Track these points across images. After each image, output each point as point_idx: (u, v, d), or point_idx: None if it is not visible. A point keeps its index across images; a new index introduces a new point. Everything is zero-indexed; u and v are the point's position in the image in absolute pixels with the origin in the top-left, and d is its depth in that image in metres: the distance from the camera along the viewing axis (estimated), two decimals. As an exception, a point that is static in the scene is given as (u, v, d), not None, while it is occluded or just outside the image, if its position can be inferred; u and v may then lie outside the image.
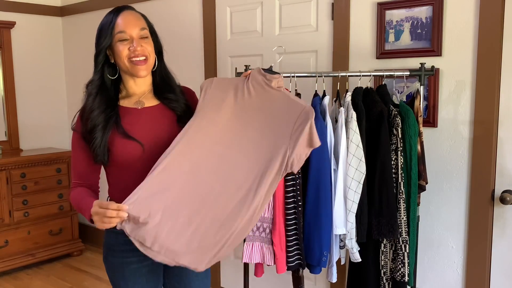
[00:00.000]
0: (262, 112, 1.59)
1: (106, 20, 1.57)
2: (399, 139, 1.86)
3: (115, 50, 1.55)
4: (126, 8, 1.59)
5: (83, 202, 1.52)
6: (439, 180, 2.20)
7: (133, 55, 1.53)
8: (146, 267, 1.63)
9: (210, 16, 2.99)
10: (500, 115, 2.06)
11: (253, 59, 2.79)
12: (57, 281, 3.53)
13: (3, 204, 3.51)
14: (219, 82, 1.67)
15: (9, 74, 3.86)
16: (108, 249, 1.65)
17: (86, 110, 1.57)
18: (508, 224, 2.09)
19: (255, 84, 1.64)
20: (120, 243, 1.59)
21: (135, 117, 1.57)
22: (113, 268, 1.65)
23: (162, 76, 1.66)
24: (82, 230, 4.19)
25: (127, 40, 1.54)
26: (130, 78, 1.61)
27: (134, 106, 1.61)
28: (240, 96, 1.63)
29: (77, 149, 1.58)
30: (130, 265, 1.61)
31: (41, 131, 4.16)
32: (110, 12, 1.58)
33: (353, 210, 1.83)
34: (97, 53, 1.58)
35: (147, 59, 1.56)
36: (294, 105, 1.57)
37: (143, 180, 1.49)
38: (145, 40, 1.57)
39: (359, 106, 1.89)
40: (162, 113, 1.61)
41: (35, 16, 4.03)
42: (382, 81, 2.21)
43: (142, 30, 1.56)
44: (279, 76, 1.64)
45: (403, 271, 1.87)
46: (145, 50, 1.55)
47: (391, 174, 1.85)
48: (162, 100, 1.64)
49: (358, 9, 2.37)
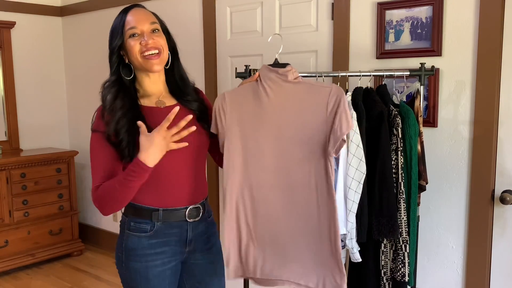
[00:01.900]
0: (288, 109, 1.54)
1: (116, 20, 1.56)
2: (399, 139, 1.85)
3: (127, 47, 1.53)
4: (135, 5, 1.58)
5: (117, 178, 1.44)
6: (439, 180, 2.20)
7: (145, 49, 1.51)
8: (169, 270, 1.60)
9: (210, 16, 2.99)
10: (500, 115, 2.06)
11: (253, 59, 2.79)
12: (57, 281, 3.53)
13: (3, 204, 3.51)
14: (232, 96, 1.60)
15: (9, 74, 3.87)
16: (129, 254, 1.58)
17: (107, 110, 1.52)
18: (508, 224, 2.09)
19: (271, 84, 1.56)
20: (144, 247, 1.56)
21: (159, 116, 1.52)
22: (134, 273, 1.57)
23: (180, 75, 1.66)
24: (82, 230, 4.20)
25: (138, 35, 1.52)
26: (145, 76, 1.59)
27: (156, 105, 1.59)
28: (259, 103, 1.56)
29: (100, 149, 1.51)
30: (155, 269, 1.56)
31: (41, 131, 4.16)
32: (120, 12, 1.57)
33: (353, 210, 1.82)
34: (110, 54, 1.56)
35: (160, 52, 1.53)
36: (319, 90, 1.53)
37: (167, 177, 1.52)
38: (157, 33, 1.55)
39: (359, 106, 1.88)
40: (182, 112, 1.57)
41: (35, 16, 4.03)
42: (382, 81, 2.21)
43: (152, 24, 1.54)
44: (291, 67, 1.58)
45: (403, 271, 1.87)
46: (157, 43, 1.53)
47: (391, 174, 1.85)
48: (180, 100, 1.63)
49: (358, 9, 2.38)
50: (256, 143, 1.55)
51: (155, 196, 1.55)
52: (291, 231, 1.56)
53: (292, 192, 1.55)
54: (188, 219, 1.59)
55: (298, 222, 1.55)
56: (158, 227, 1.56)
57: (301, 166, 1.53)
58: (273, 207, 1.56)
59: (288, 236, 1.56)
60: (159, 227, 1.56)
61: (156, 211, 1.55)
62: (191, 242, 1.64)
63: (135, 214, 1.57)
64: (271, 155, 1.55)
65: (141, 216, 1.56)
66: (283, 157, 1.54)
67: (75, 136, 4.27)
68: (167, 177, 1.54)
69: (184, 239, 1.62)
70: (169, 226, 1.57)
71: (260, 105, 1.56)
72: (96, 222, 4.23)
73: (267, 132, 1.55)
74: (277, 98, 1.55)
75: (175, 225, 1.58)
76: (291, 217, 1.56)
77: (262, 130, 1.55)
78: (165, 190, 1.56)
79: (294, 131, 1.53)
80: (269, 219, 1.56)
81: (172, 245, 1.60)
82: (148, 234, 1.56)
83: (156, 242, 1.57)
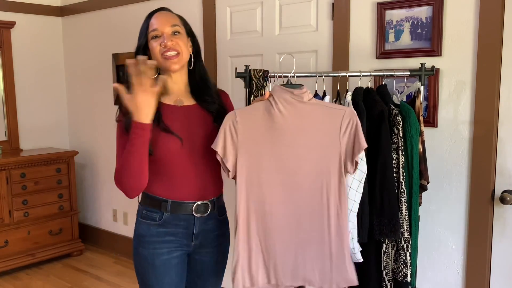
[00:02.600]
0: (303, 129, 1.60)
1: (143, 23, 1.66)
2: (400, 138, 1.85)
3: (150, 48, 1.62)
4: (161, 9, 1.69)
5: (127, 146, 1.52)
6: (439, 180, 2.20)
7: (164, 50, 1.59)
8: (175, 259, 1.68)
9: (210, 16, 2.99)
10: (500, 115, 2.06)
11: (253, 59, 2.79)
12: (57, 281, 3.53)
13: (3, 204, 3.51)
14: (243, 115, 1.63)
15: (9, 74, 3.87)
16: (139, 241, 1.69)
17: None
18: (508, 224, 2.09)
19: (285, 104, 1.60)
20: (152, 234, 1.66)
21: (175, 114, 1.64)
22: (143, 259, 1.67)
23: (201, 77, 1.73)
24: (82, 230, 4.19)
25: (159, 37, 1.61)
26: (168, 75, 1.66)
27: (174, 103, 1.67)
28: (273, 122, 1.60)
29: (122, 139, 1.61)
30: (161, 256, 1.65)
31: (41, 131, 4.16)
32: (147, 16, 1.67)
33: (354, 210, 1.82)
34: (136, 53, 1.64)
35: (179, 54, 1.61)
36: (333, 112, 1.60)
37: (178, 172, 1.63)
38: (177, 35, 1.63)
39: (359, 106, 1.88)
40: (199, 112, 1.68)
41: (35, 16, 4.03)
42: (382, 81, 2.21)
43: (173, 26, 1.62)
44: (306, 88, 1.64)
45: (405, 272, 1.87)
46: (176, 45, 1.60)
47: (392, 174, 1.85)
48: (199, 101, 1.70)
49: (358, 9, 2.38)
50: (270, 161, 1.61)
51: (166, 188, 1.65)
52: (303, 244, 1.63)
53: (305, 206, 1.62)
54: (195, 213, 1.67)
55: (310, 235, 1.62)
56: (166, 217, 1.65)
57: (313, 183, 1.61)
58: (285, 220, 1.62)
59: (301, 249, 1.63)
60: (167, 217, 1.65)
61: (165, 202, 1.65)
62: (197, 237, 1.70)
63: (147, 203, 1.68)
64: (284, 172, 1.61)
65: (152, 205, 1.67)
66: (296, 174, 1.61)
67: (75, 136, 4.27)
68: (176, 172, 1.64)
69: (191, 233, 1.69)
70: (177, 218, 1.66)
71: (273, 125, 1.61)
72: (96, 222, 4.23)
73: (281, 150, 1.61)
74: (292, 118, 1.60)
75: (182, 217, 1.66)
76: (303, 231, 1.63)
77: (276, 148, 1.61)
78: (174, 184, 1.65)
79: (308, 150, 1.60)
80: (282, 233, 1.63)
81: (178, 237, 1.67)
82: (157, 222, 1.66)
83: (163, 231, 1.66)
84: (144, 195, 1.70)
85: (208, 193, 1.70)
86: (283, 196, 1.62)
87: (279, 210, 1.62)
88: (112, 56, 3.74)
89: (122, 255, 3.96)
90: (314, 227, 1.62)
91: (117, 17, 3.67)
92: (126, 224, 3.93)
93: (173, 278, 1.68)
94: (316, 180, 1.60)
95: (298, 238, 1.62)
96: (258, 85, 2.08)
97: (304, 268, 1.63)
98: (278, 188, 1.61)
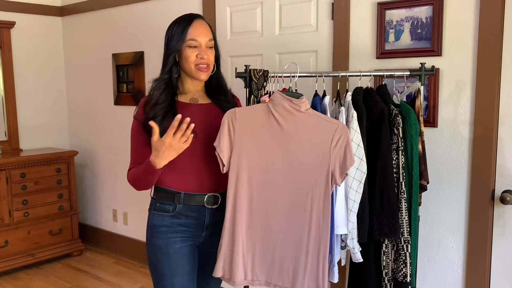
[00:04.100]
0: (296, 137, 1.66)
1: (178, 26, 1.74)
2: (400, 139, 1.86)
3: (183, 54, 1.73)
4: (198, 17, 1.77)
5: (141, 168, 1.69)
6: (439, 180, 2.20)
7: (199, 62, 1.72)
8: (187, 247, 1.78)
9: (210, 16, 2.99)
10: (500, 115, 2.06)
11: (253, 59, 2.79)
12: (57, 281, 3.53)
13: (3, 204, 3.51)
14: (242, 114, 1.71)
15: (9, 74, 3.86)
16: (152, 231, 1.78)
17: (151, 101, 1.73)
18: (508, 224, 2.09)
19: (283, 111, 1.67)
20: (166, 225, 1.76)
21: (190, 111, 1.74)
22: (156, 249, 1.76)
23: (217, 81, 1.85)
24: (82, 230, 4.20)
25: (196, 48, 1.72)
26: (190, 79, 1.78)
27: (190, 101, 1.80)
28: (269, 127, 1.68)
29: (137, 135, 1.76)
30: (174, 245, 1.75)
31: (41, 131, 4.15)
32: (183, 19, 1.75)
33: (354, 210, 1.83)
34: (168, 54, 1.75)
35: (208, 66, 1.75)
36: (327, 124, 1.67)
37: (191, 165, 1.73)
38: (211, 50, 1.76)
39: (359, 106, 1.89)
40: (213, 110, 1.81)
41: (35, 16, 4.03)
42: (382, 81, 2.21)
43: (210, 41, 1.75)
44: (305, 99, 1.70)
45: (405, 272, 1.87)
46: (209, 59, 1.74)
47: (392, 174, 1.85)
48: (213, 100, 1.83)
49: (358, 9, 2.38)
50: (262, 162, 1.68)
51: (179, 180, 1.75)
52: (282, 245, 1.70)
53: (289, 209, 1.69)
54: (206, 205, 1.77)
55: (290, 237, 1.69)
56: (179, 209, 1.76)
57: (300, 188, 1.67)
58: (268, 220, 1.70)
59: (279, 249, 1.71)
60: (180, 208, 1.76)
61: (178, 193, 1.75)
62: (208, 227, 1.80)
63: (160, 196, 1.79)
64: (275, 174, 1.68)
65: (166, 197, 1.77)
66: (285, 178, 1.67)
67: (75, 136, 4.27)
68: (189, 165, 1.74)
69: (202, 224, 1.79)
70: (189, 209, 1.76)
71: (269, 129, 1.68)
72: (96, 222, 4.23)
73: (274, 153, 1.67)
74: (288, 125, 1.67)
75: (194, 208, 1.77)
76: (283, 233, 1.69)
77: (268, 151, 1.68)
78: (187, 176, 1.75)
79: (298, 157, 1.66)
80: (264, 231, 1.70)
81: (191, 228, 1.78)
82: (170, 214, 1.76)
83: (176, 222, 1.76)
84: (157, 189, 1.80)
85: (219, 185, 1.78)
86: (269, 197, 1.69)
87: (264, 209, 1.69)
88: (112, 56, 3.74)
89: (122, 255, 3.96)
90: (294, 232, 1.68)
91: (117, 17, 3.66)
92: (126, 224, 3.93)
93: (185, 267, 1.76)
94: (303, 187, 1.67)
95: (278, 240, 1.69)
96: (258, 85, 2.08)
97: (280, 268, 1.70)
98: (265, 189, 1.68)
